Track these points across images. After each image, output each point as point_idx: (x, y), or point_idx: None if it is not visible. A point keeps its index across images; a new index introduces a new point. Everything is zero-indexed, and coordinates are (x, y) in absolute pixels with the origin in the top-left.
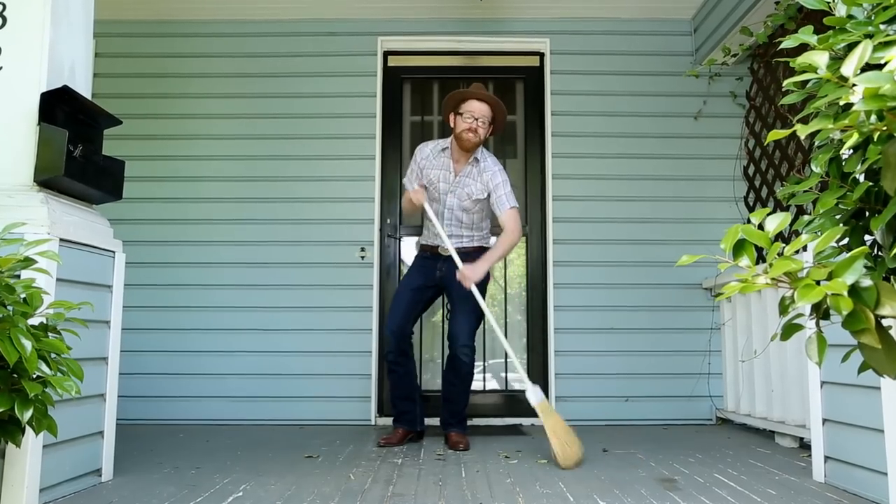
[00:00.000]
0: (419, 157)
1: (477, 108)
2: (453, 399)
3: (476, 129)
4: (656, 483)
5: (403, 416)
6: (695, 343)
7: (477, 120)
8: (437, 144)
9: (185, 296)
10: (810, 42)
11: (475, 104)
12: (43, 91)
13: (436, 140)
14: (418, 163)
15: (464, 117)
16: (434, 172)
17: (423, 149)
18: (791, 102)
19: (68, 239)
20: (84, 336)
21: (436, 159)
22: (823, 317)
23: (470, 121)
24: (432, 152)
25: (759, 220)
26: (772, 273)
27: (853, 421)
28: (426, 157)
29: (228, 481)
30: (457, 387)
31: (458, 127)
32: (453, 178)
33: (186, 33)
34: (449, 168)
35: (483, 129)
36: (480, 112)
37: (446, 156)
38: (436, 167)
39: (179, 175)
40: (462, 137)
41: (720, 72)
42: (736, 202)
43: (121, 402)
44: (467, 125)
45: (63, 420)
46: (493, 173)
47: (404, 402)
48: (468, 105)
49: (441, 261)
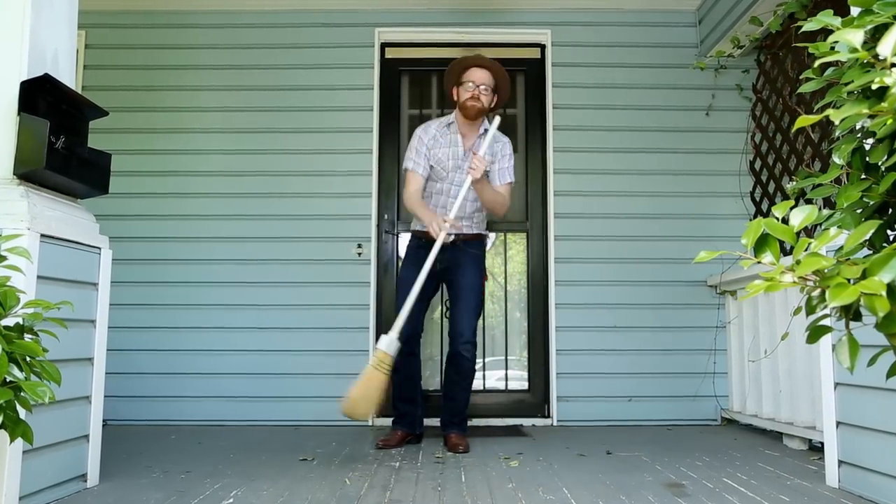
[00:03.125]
0: (426, 137)
1: (478, 75)
2: (454, 397)
3: (478, 97)
4: (663, 488)
5: (404, 419)
6: (699, 342)
7: (479, 87)
8: (441, 122)
9: (178, 293)
10: (833, 25)
11: (476, 72)
12: (23, 80)
13: (437, 119)
14: (426, 143)
15: (465, 86)
16: (442, 151)
17: (427, 129)
18: (811, 90)
19: (50, 235)
20: (68, 336)
21: (443, 137)
22: (854, 318)
23: (472, 88)
24: (438, 131)
25: (782, 214)
26: (800, 271)
27: (869, 424)
28: (433, 136)
29: (219, 486)
30: (458, 384)
31: (461, 97)
32: (462, 153)
33: (178, 24)
34: (457, 143)
35: (486, 96)
36: (482, 79)
37: (453, 131)
38: (443, 145)
39: (172, 169)
40: (466, 106)
41: (726, 64)
42: (742, 197)
43: (112, 402)
44: (469, 93)
45: (45, 424)
46: (505, 144)
47: (406, 403)
48: (469, 74)
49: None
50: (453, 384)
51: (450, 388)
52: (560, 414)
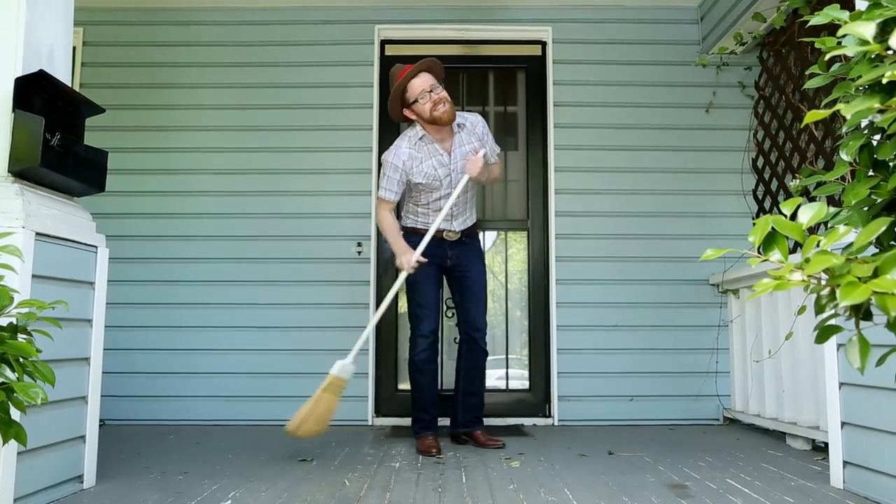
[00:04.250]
0: (399, 162)
1: (421, 83)
2: (475, 391)
3: (440, 98)
4: (666, 489)
5: (433, 422)
6: (701, 341)
7: (431, 92)
8: (409, 140)
9: (176, 292)
10: (841, 19)
11: (416, 82)
12: (18, 76)
13: (402, 138)
14: (401, 169)
15: (420, 101)
16: (427, 164)
17: (398, 153)
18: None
19: (46, 233)
20: (64, 336)
21: (420, 152)
22: (864, 317)
23: (428, 98)
24: (412, 149)
25: (790, 211)
26: (809, 269)
27: (875, 425)
28: (408, 157)
29: (217, 488)
30: (477, 377)
31: (425, 112)
32: (448, 158)
33: (177, 21)
34: (438, 151)
35: (443, 92)
36: (428, 83)
37: (427, 142)
38: (424, 159)
39: (170, 167)
40: (437, 118)
41: (728, 61)
42: (744, 195)
43: (111, 402)
44: (430, 103)
45: (41, 424)
46: (479, 123)
47: (434, 405)
48: (412, 90)
49: (446, 247)
50: (472, 377)
51: (469, 382)
52: (561, 413)
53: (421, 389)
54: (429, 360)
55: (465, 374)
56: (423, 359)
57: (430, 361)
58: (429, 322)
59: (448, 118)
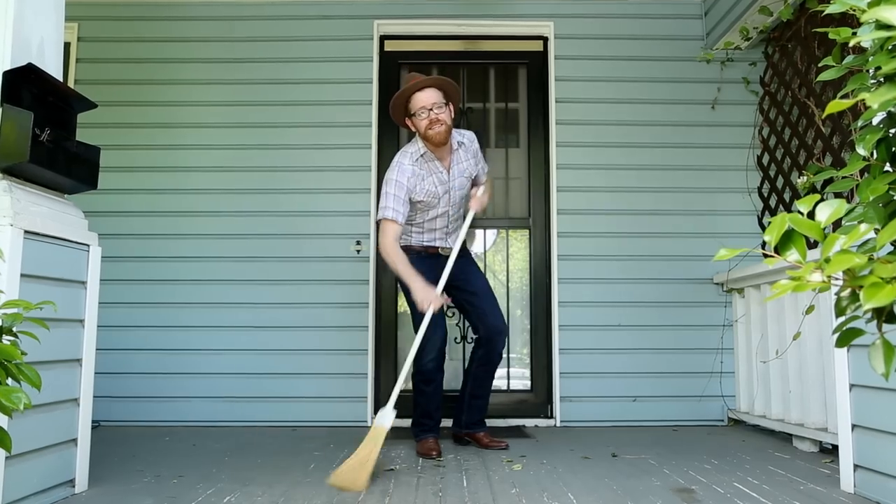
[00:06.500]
0: (404, 179)
1: (424, 99)
2: (483, 395)
3: (437, 119)
4: (672, 494)
5: (435, 426)
6: (706, 340)
7: (431, 110)
8: (411, 156)
9: (172, 292)
10: (859, 7)
11: (420, 97)
12: (6, 69)
13: (405, 154)
14: (406, 187)
15: (419, 116)
16: (428, 181)
17: (402, 170)
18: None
19: (35, 231)
20: (55, 336)
21: (422, 169)
22: (887, 320)
23: (426, 115)
24: (415, 167)
25: (808, 208)
26: (829, 269)
27: (887, 427)
28: (412, 175)
29: (212, 492)
30: (489, 381)
31: (421, 128)
32: (446, 175)
33: (173, 16)
34: (439, 169)
35: (444, 114)
36: (430, 100)
37: (428, 160)
38: (426, 177)
39: (166, 165)
40: (430, 137)
41: (732, 57)
42: (749, 193)
43: (105, 403)
44: (427, 121)
45: (30, 428)
46: (472, 141)
47: (437, 411)
48: (415, 102)
49: (444, 262)
50: (483, 382)
51: (479, 385)
52: (563, 414)
53: (426, 396)
54: (437, 370)
55: (476, 378)
56: (431, 368)
57: (437, 371)
58: (441, 327)
59: (439, 140)
